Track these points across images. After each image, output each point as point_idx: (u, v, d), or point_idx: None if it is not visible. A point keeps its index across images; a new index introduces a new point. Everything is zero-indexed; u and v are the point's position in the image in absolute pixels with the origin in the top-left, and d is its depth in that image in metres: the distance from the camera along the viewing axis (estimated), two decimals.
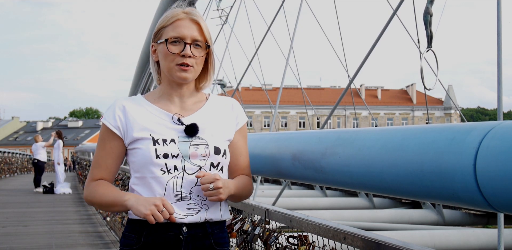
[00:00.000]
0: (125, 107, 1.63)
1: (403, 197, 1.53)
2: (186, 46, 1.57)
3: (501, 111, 4.08)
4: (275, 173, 2.06)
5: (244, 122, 1.74)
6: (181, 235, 1.56)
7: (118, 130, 1.61)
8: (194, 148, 1.58)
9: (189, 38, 1.58)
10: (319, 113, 48.20)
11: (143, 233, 1.57)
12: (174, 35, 1.58)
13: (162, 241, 1.56)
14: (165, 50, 1.59)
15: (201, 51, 1.61)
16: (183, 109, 1.65)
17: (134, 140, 1.59)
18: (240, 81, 11.91)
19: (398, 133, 1.39)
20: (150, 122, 1.60)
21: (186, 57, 1.57)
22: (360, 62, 5.76)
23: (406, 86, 59.75)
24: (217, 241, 1.63)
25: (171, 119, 1.61)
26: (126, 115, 1.62)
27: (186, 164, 1.57)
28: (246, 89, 52.63)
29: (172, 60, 1.58)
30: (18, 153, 27.61)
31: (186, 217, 1.56)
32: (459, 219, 12.49)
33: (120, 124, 1.61)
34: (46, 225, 7.90)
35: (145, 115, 1.62)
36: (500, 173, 1.02)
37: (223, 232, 1.67)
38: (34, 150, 14.36)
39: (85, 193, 1.66)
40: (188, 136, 1.59)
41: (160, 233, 1.56)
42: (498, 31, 4.44)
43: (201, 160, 1.58)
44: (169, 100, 1.66)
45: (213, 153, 1.60)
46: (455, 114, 54.57)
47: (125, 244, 1.61)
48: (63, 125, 68.67)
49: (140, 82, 18.08)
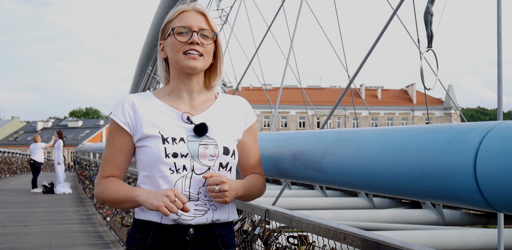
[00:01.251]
0: (134, 103, 1.61)
1: (403, 197, 1.53)
2: (194, 33, 1.57)
3: (501, 111, 4.08)
4: (275, 173, 2.06)
5: (253, 121, 1.74)
6: (187, 236, 1.55)
7: (127, 126, 1.60)
8: (203, 148, 1.56)
9: (195, 27, 1.58)
10: (319, 113, 48.20)
11: (149, 234, 1.56)
12: (180, 24, 1.58)
13: (168, 242, 1.55)
14: (173, 40, 1.58)
15: (208, 40, 1.60)
16: (192, 107, 1.64)
17: (143, 137, 1.57)
18: (240, 81, 11.91)
19: (398, 133, 1.38)
20: (159, 119, 1.59)
21: (194, 44, 1.56)
22: (360, 62, 5.76)
23: (406, 86, 59.74)
24: (224, 243, 1.62)
25: (180, 118, 1.60)
26: (136, 111, 1.60)
27: (195, 164, 1.55)
28: (246, 89, 52.64)
29: (180, 49, 1.57)
30: (18, 153, 27.60)
31: (193, 218, 1.55)
32: (459, 219, 12.48)
33: (129, 120, 1.60)
34: (46, 225, 7.90)
35: (154, 112, 1.60)
36: (500, 173, 1.02)
37: (230, 233, 1.65)
38: (32, 149, 14.33)
39: (96, 191, 1.63)
40: (197, 135, 1.57)
41: (167, 235, 1.55)
42: (498, 31, 4.44)
43: (210, 160, 1.57)
44: (178, 97, 1.64)
45: (222, 153, 1.58)
46: (455, 114, 54.56)
47: (131, 245, 1.60)
48: (63, 125, 68.65)
49: (140, 82, 18.08)
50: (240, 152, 1.69)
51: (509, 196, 1.02)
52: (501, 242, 4.02)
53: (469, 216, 12.60)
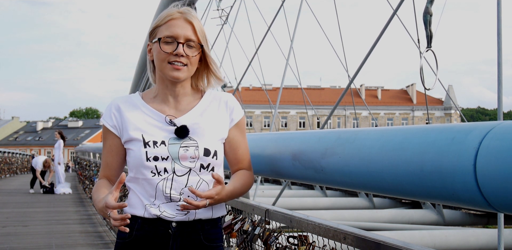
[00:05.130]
0: (120, 106, 1.68)
1: (403, 197, 1.53)
2: (179, 45, 1.59)
3: (501, 111, 4.08)
4: (275, 173, 2.06)
5: (240, 117, 1.74)
6: (170, 229, 1.61)
7: (115, 129, 1.67)
8: (183, 150, 1.60)
9: (182, 38, 1.60)
10: (319, 113, 48.19)
11: (135, 227, 1.62)
12: (167, 34, 1.60)
13: (152, 235, 1.62)
14: (158, 49, 1.61)
15: (194, 51, 1.62)
16: (177, 109, 1.67)
17: (128, 140, 1.64)
18: (240, 81, 11.91)
19: (398, 133, 1.38)
20: (143, 122, 1.64)
21: (178, 56, 1.59)
22: (360, 62, 5.76)
23: (406, 86, 59.73)
24: (207, 237, 1.65)
25: (164, 120, 1.64)
26: (122, 115, 1.67)
27: (175, 166, 1.60)
28: (246, 89, 52.61)
29: (164, 59, 1.60)
30: (18, 153, 27.62)
31: (175, 217, 1.61)
32: (459, 219, 12.49)
33: (116, 123, 1.67)
34: (46, 225, 7.90)
35: (139, 115, 1.66)
36: (500, 173, 1.02)
37: (215, 228, 1.69)
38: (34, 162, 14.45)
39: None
40: (179, 137, 1.61)
41: (150, 228, 1.62)
42: (498, 31, 4.44)
43: (191, 162, 1.61)
44: (164, 100, 1.68)
45: (203, 155, 1.61)
46: (455, 114, 54.56)
47: (120, 237, 1.68)
48: (63, 125, 68.66)
49: (140, 82, 18.08)
50: (227, 148, 1.72)
51: (509, 196, 1.02)
52: (501, 242, 4.03)
53: (469, 216, 12.61)
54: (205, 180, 1.63)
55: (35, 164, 14.20)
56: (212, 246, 1.66)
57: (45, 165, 14.06)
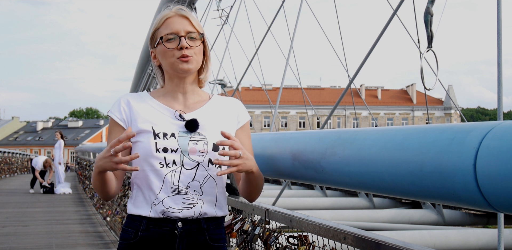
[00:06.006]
0: (129, 101, 1.70)
1: (403, 197, 1.53)
2: (181, 38, 1.63)
3: (501, 111, 4.08)
4: (275, 173, 2.06)
5: (246, 120, 1.78)
6: (176, 230, 1.61)
7: (123, 122, 1.68)
8: (193, 144, 1.62)
9: (182, 31, 1.64)
10: (319, 113, 48.18)
11: (140, 228, 1.62)
12: (167, 32, 1.64)
13: (157, 235, 1.62)
14: (163, 48, 1.65)
15: (196, 41, 1.66)
16: (186, 106, 1.70)
17: (137, 132, 1.63)
18: (240, 81, 11.89)
19: (398, 133, 1.38)
20: (153, 115, 1.66)
21: (184, 49, 1.62)
22: (360, 62, 5.76)
23: (406, 86, 59.72)
24: (212, 237, 1.66)
25: (173, 115, 1.66)
26: (131, 109, 1.68)
27: (184, 159, 1.61)
28: (246, 89, 52.61)
29: (171, 56, 1.64)
30: (18, 153, 27.60)
31: (181, 211, 1.60)
32: (459, 219, 12.48)
33: (125, 116, 1.68)
34: (46, 225, 7.91)
35: (149, 109, 1.68)
36: (500, 173, 1.02)
37: (219, 229, 1.70)
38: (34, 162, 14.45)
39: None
40: (188, 131, 1.63)
41: (156, 228, 1.61)
42: (498, 31, 4.43)
43: (200, 156, 1.62)
44: (173, 97, 1.71)
45: (212, 150, 1.63)
46: (455, 114, 54.56)
47: (123, 238, 1.66)
48: (63, 125, 68.65)
49: (140, 82, 18.09)
50: None
51: (509, 196, 1.02)
52: (501, 242, 4.02)
53: (469, 216, 12.60)
54: (212, 176, 1.64)
55: (35, 164, 14.21)
56: (216, 246, 1.67)
57: (45, 165, 14.06)
